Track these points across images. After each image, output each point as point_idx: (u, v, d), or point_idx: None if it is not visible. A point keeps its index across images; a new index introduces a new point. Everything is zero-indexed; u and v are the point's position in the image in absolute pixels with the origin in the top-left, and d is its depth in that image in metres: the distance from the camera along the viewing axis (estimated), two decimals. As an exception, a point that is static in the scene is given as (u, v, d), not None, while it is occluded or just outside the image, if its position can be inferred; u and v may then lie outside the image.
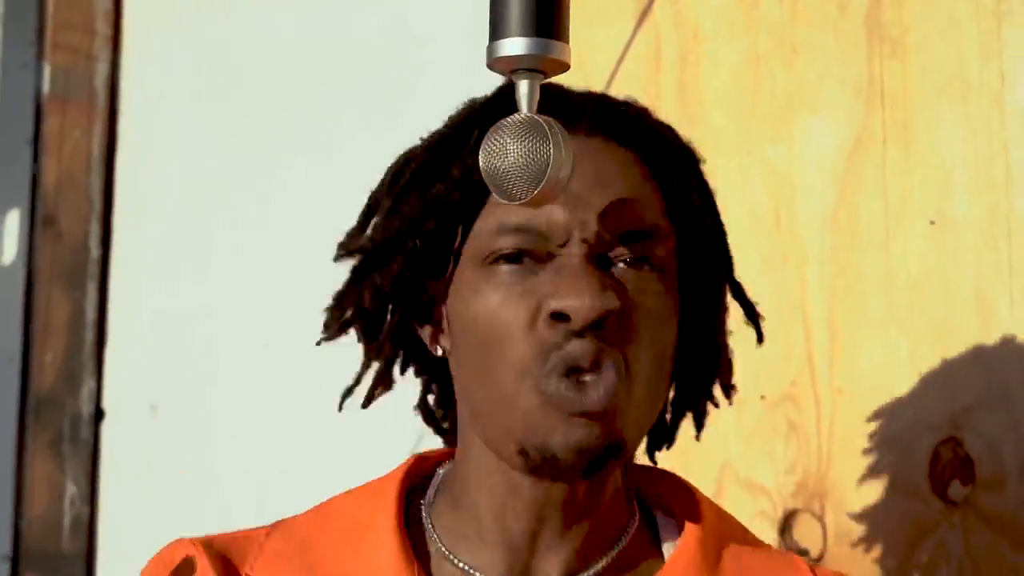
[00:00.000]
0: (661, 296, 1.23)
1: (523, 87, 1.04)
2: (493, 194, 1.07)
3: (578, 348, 1.18)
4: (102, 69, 2.40)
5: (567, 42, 1.04)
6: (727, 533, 1.33)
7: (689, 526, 1.30)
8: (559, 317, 1.19)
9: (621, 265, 1.22)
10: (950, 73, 1.73)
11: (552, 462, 1.19)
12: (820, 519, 1.75)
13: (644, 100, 1.83)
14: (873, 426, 1.74)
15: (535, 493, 1.25)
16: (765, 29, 1.83)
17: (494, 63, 1.04)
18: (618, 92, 1.41)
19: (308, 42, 2.25)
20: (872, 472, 1.73)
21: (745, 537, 1.35)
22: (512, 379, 1.20)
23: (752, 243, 1.79)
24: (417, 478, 1.34)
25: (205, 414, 2.27)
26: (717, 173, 1.81)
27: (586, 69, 1.90)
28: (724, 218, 1.36)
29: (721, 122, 1.85)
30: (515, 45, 1.02)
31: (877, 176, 1.75)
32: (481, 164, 1.05)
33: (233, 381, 2.26)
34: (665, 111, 1.85)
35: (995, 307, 1.69)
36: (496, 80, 1.16)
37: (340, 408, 1.38)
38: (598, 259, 1.21)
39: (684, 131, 1.83)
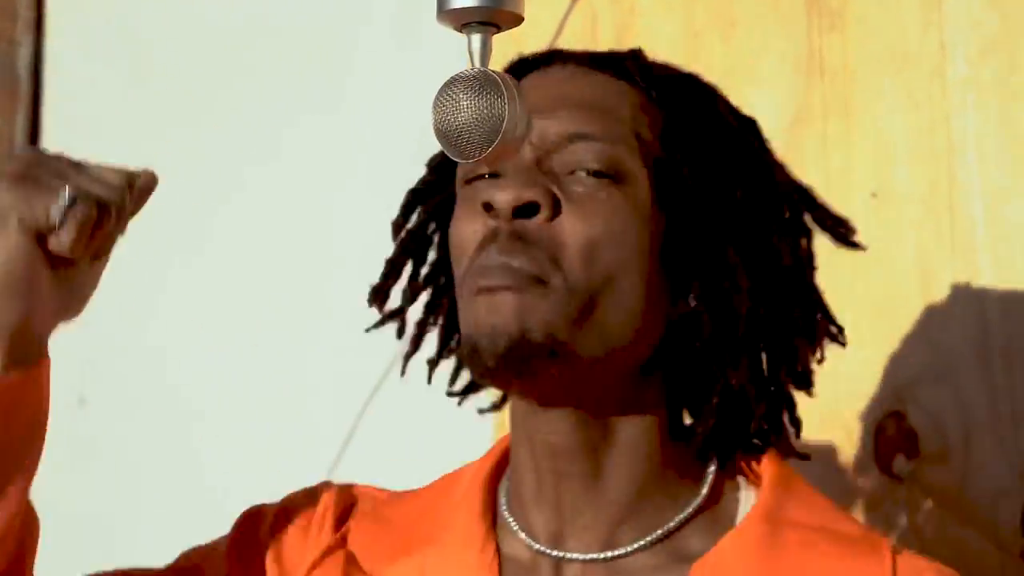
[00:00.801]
0: (612, 203, 1.22)
1: (475, 41, 1.01)
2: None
3: (493, 250, 1.20)
4: (24, 54, 2.35)
5: (520, -7, 1.01)
6: (803, 516, 1.28)
7: (755, 509, 1.27)
8: (487, 208, 1.21)
9: (581, 173, 1.22)
10: (890, 45, 1.72)
11: (476, 354, 1.20)
12: (764, 497, 1.74)
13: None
14: (817, 401, 1.72)
15: (530, 429, 1.27)
16: (702, 3, 1.81)
17: (444, 17, 1.01)
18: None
19: (235, 23, 2.21)
20: (816, 448, 1.72)
21: (831, 520, 1.29)
22: (461, 288, 1.24)
23: (692, 219, 1.77)
24: None
25: (134, 406, 2.24)
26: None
27: (521, 45, 1.86)
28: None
29: (659, 98, 1.82)
30: (466, -3, 0.99)
31: (818, 150, 1.74)
32: (433, 122, 1.02)
33: (163, 373, 2.22)
34: (602, 87, 1.84)
35: (938, 280, 1.68)
36: (428, 54, 1.15)
37: (402, 372, 1.41)
38: (554, 164, 1.22)
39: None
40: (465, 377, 1.42)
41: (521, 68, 1.33)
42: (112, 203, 1.16)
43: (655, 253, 1.25)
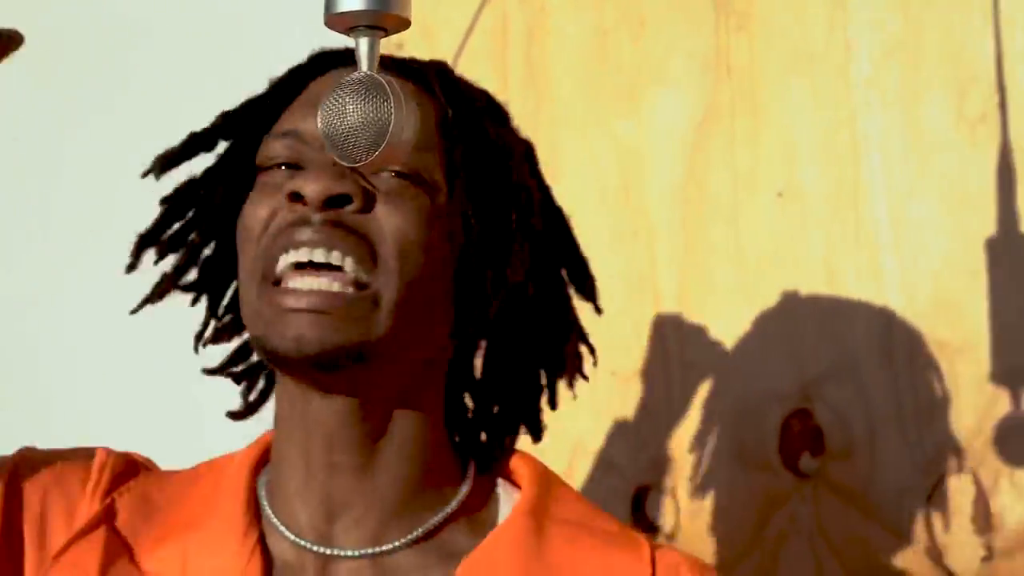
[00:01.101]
0: (415, 202, 1.22)
1: (363, 45, 1.02)
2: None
3: (308, 232, 1.19)
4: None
5: (407, -3, 1.01)
6: (564, 513, 1.30)
7: (519, 505, 1.29)
8: (295, 197, 1.20)
9: (386, 174, 1.22)
10: (796, 45, 1.73)
11: (276, 354, 1.20)
12: (672, 494, 1.75)
13: (492, 75, 1.84)
14: (723, 400, 1.73)
15: (307, 419, 1.25)
16: (612, 2, 1.82)
17: (331, 20, 1.01)
18: (465, 68, 1.39)
19: (106, 12, 2.18)
20: (723, 446, 1.73)
21: (589, 518, 1.32)
22: (249, 273, 1.23)
23: (602, 218, 1.78)
24: None
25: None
26: (566, 148, 1.81)
27: (433, 44, 1.87)
28: (574, 193, 1.36)
29: (570, 96, 1.83)
30: (353, 1, 0.99)
31: (725, 149, 1.75)
32: (319, 125, 1.02)
33: (48, 359, 2.19)
34: (513, 86, 1.85)
35: (843, 278, 1.70)
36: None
37: (196, 350, 1.36)
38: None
39: (532, 107, 1.84)
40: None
41: (323, 63, 1.31)
42: None
43: (453, 259, 1.26)
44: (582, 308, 1.40)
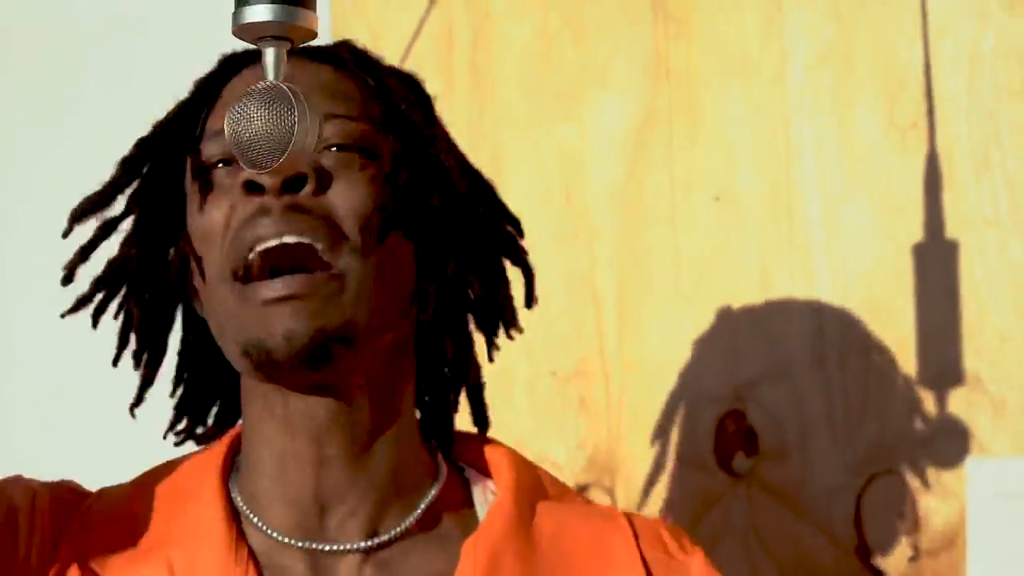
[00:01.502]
0: (364, 172, 1.24)
1: (269, 55, 1.04)
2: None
3: (270, 221, 1.20)
4: None
5: (314, 10, 1.04)
6: (545, 491, 1.33)
7: (506, 484, 1.30)
8: (251, 187, 1.21)
9: (333, 150, 1.24)
10: (733, 52, 1.76)
11: (266, 355, 1.19)
12: (610, 493, 1.77)
13: (437, 79, 1.86)
14: (660, 400, 1.76)
15: (289, 417, 1.25)
16: (556, 8, 1.84)
17: (239, 30, 1.03)
18: (411, 71, 1.41)
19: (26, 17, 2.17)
20: (659, 445, 1.76)
21: (564, 495, 1.36)
22: (218, 276, 1.23)
23: (544, 220, 1.80)
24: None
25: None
26: (510, 150, 1.84)
27: (380, 47, 1.87)
28: (517, 194, 1.38)
29: (514, 100, 1.86)
30: (260, 12, 1.02)
31: (664, 153, 1.78)
32: (226, 132, 1.05)
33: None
34: (459, 90, 1.87)
35: (777, 280, 1.72)
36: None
37: (132, 411, 1.35)
38: None
39: (477, 110, 1.86)
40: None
41: (235, 63, 1.33)
42: None
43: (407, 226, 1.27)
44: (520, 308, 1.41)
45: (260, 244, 1.20)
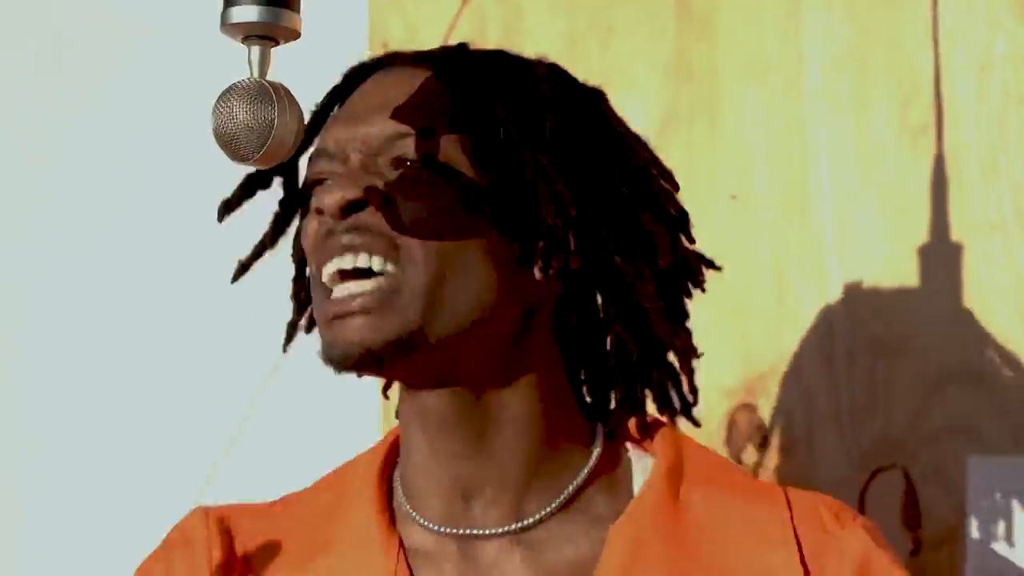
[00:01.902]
0: (437, 188, 1.27)
1: (254, 53, 1.10)
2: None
3: (333, 241, 1.26)
4: None
5: (297, 11, 1.10)
6: (705, 470, 1.34)
7: (661, 465, 1.32)
8: (319, 212, 1.27)
9: (401, 167, 1.28)
10: (752, 54, 1.80)
11: (332, 360, 1.26)
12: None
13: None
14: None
15: (418, 407, 1.30)
16: (582, 8, 1.88)
17: (226, 29, 1.09)
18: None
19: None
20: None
21: (724, 474, 1.36)
22: (312, 284, 1.30)
23: (567, 217, 1.84)
24: None
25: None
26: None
27: (416, 44, 1.94)
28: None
29: (542, 99, 1.89)
30: (246, 12, 1.08)
31: (683, 153, 1.81)
32: (212, 127, 1.10)
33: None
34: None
35: (790, 279, 1.76)
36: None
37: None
38: (380, 165, 1.28)
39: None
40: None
41: (361, 73, 1.37)
42: None
43: (491, 228, 1.29)
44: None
45: (329, 264, 1.27)
